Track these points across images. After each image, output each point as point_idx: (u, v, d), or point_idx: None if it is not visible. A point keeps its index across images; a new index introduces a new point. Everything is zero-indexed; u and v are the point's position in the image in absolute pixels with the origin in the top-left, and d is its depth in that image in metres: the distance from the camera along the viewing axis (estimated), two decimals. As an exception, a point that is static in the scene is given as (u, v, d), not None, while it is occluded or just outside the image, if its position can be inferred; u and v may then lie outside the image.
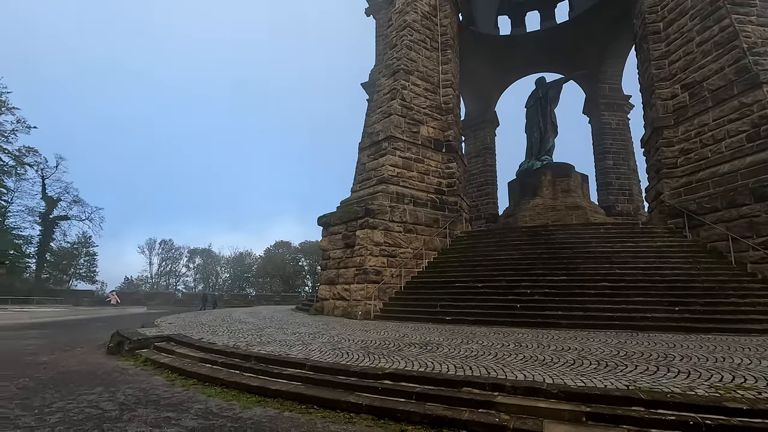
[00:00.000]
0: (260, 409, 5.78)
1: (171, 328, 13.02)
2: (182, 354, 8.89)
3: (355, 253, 16.13)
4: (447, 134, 20.71)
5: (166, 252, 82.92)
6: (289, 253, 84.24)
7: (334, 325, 13.04)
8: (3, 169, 48.05)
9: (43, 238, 51.17)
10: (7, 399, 6.07)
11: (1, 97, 47.17)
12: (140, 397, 6.31)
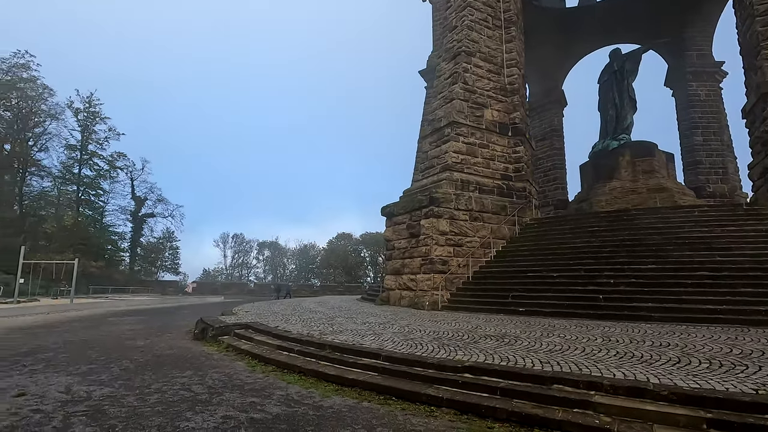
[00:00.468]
0: (339, 399, 5.76)
1: (248, 316, 13.69)
2: (260, 341, 9.23)
3: (421, 243, 15.88)
4: (513, 116, 19.63)
5: (238, 245, 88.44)
6: (351, 245, 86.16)
7: (402, 316, 12.93)
8: (100, 173, 53.92)
9: (134, 234, 56.91)
10: (114, 379, 6.62)
11: (95, 109, 52.79)
12: (226, 381, 6.59)
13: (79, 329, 13.51)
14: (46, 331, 12.81)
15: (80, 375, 6.85)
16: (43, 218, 46.23)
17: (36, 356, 8.48)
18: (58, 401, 5.38)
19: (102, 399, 5.51)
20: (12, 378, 6.61)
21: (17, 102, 45.08)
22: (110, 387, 6.13)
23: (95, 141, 52.82)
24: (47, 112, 47.71)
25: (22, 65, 44.80)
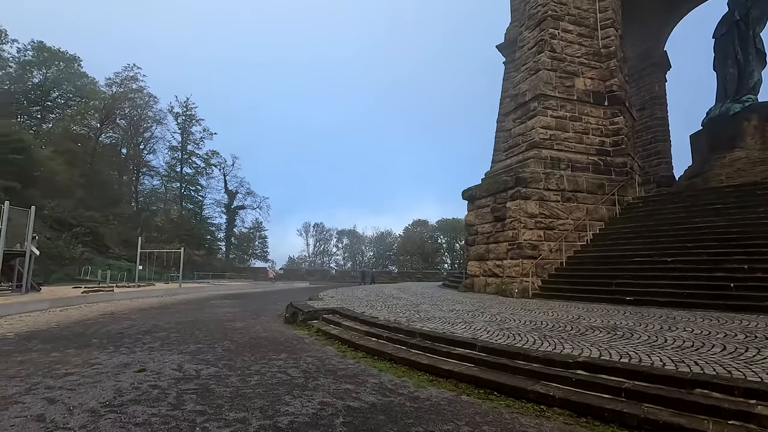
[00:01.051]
0: (435, 390, 5.43)
1: (333, 301, 13.98)
2: (348, 326, 9.25)
3: (507, 227, 14.92)
4: (609, 84, 17.50)
5: (319, 233, 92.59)
6: (427, 231, 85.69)
7: (490, 303, 12.26)
8: (197, 171, 59.47)
9: (228, 224, 62.21)
10: (218, 359, 6.99)
11: (191, 112, 58.09)
12: (319, 366, 6.60)
13: (186, 311, 14.89)
14: (160, 312, 14.29)
15: (190, 354, 7.35)
16: (154, 213, 52.36)
17: (153, 335, 9.37)
18: (172, 378, 5.74)
19: (209, 378, 5.78)
20: (135, 354, 7.29)
21: (129, 111, 51.15)
22: (215, 367, 6.44)
23: (192, 141, 58.33)
24: (153, 118, 53.61)
25: (131, 77, 50.68)
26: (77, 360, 6.78)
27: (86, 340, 8.59)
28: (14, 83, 46.18)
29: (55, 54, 48.13)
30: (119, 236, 41.44)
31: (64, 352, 7.38)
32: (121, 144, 52.57)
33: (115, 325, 10.94)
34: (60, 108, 49.09)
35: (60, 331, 9.86)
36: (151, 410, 4.46)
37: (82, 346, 7.94)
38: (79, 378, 5.68)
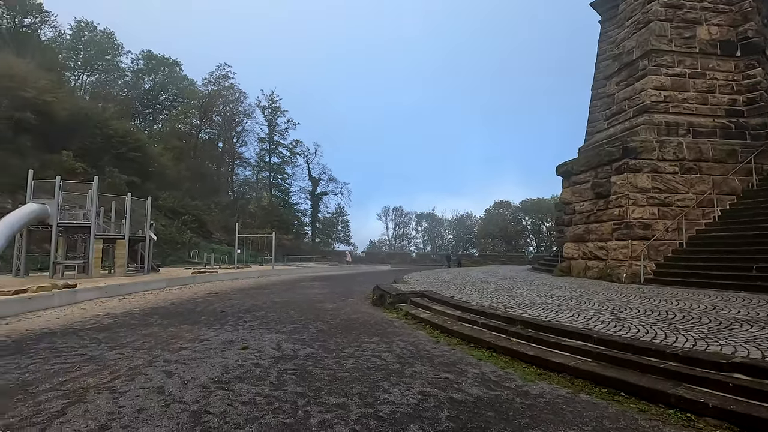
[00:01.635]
0: (546, 385, 4.82)
1: (419, 284, 13.72)
2: (438, 311, 8.87)
3: (612, 204, 13.27)
4: (742, 29, 14.52)
5: (398, 217, 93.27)
6: (510, 213, 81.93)
7: (595, 289, 11.03)
8: (284, 160, 62.99)
9: (312, 210, 65.34)
10: (313, 340, 7.06)
11: (276, 105, 61.33)
12: (413, 351, 6.33)
13: (280, 291, 15.72)
14: (257, 292, 15.26)
15: (286, 333, 7.55)
16: (248, 201, 56.71)
17: (253, 314, 9.90)
18: (272, 357, 5.86)
19: (306, 359, 5.79)
20: (237, 332, 7.68)
21: (223, 107, 55.54)
22: (311, 347, 6.49)
23: (278, 132, 61.85)
24: (243, 112, 57.72)
25: (223, 76, 54.83)
26: (189, 335, 7.31)
27: (196, 317, 9.33)
28: (130, 90, 52.58)
29: (160, 60, 53.74)
30: (219, 223, 45.62)
31: (178, 327, 8.04)
32: (217, 138, 57.51)
33: (219, 303, 11.82)
34: (167, 109, 55.01)
35: (175, 308, 10.89)
36: (255, 389, 4.51)
37: (193, 323, 8.60)
38: (191, 353, 6.05)
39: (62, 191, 17.11)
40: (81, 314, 9.52)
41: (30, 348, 6.29)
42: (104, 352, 6.04)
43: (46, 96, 29.29)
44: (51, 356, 5.81)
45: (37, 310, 9.76)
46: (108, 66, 50.31)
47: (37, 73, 30.53)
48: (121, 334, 7.34)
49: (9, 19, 38.43)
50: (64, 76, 43.40)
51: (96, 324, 8.35)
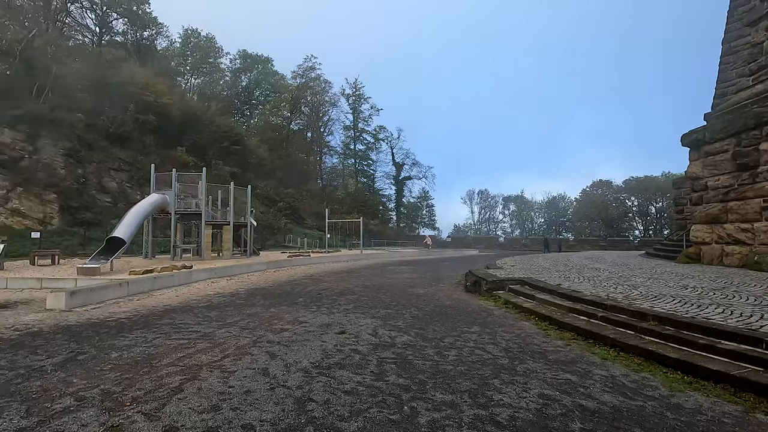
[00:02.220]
0: (702, 398, 3.90)
1: (516, 270, 12.77)
2: (544, 300, 8.02)
3: (760, 178, 10.89)
4: None
5: (483, 201, 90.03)
6: (611, 193, 74.31)
7: (741, 280, 9.16)
8: (368, 146, 64.05)
9: (397, 195, 65.79)
10: (408, 326, 6.77)
11: (360, 92, 62.30)
12: (521, 345, 5.69)
13: (370, 275, 15.85)
14: (348, 276, 15.54)
15: (381, 319, 7.36)
16: (335, 188, 58.90)
17: (346, 297, 9.97)
18: (369, 344, 5.66)
19: (405, 347, 5.49)
20: (333, 315, 7.69)
21: (311, 98, 57.88)
22: (408, 335, 6.18)
23: (362, 119, 62.86)
24: (329, 102, 59.59)
25: (310, 67, 56.95)
26: (289, 317, 7.48)
27: (294, 299, 9.63)
28: (229, 89, 57.24)
29: (254, 59, 57.56)
30: (310, 209, 48.04)
31: (279, 309, 8.32)
32: (306, 129, 60.28)
33: (314, 286, 12.17)
34: (261, 104, 58.97)
35: (275, 289, 11.43)
36: (356, 378, 4.30)
37: (291, 304, 8.87)
38: (291, 335, 6.12)
39: (178, 182, 19.09)
40: (195, 293, 10.41)
41: (155, 323, 6.89)
42: (215, 330, 6.37)
43: (164, 99, 32.97)
44: (171, 332, 6.28)
45: (161, 288, 10.91)
46: (211, 68, 55.22)
47: (155, 79, 34.47)
48: (229, 313, 7.77)
49: (132, 34, 43.92)
50: (176, 80, 48.58)
51: (208, 303, 9.01)
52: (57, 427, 3.16)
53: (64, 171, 26.23)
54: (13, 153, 24.65)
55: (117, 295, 9.30)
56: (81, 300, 8.22)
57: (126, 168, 29.73)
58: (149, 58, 42.23)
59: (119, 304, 8.61)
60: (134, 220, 15.98)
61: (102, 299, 8.81)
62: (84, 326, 6.63)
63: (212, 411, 3.47)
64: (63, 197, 25.21)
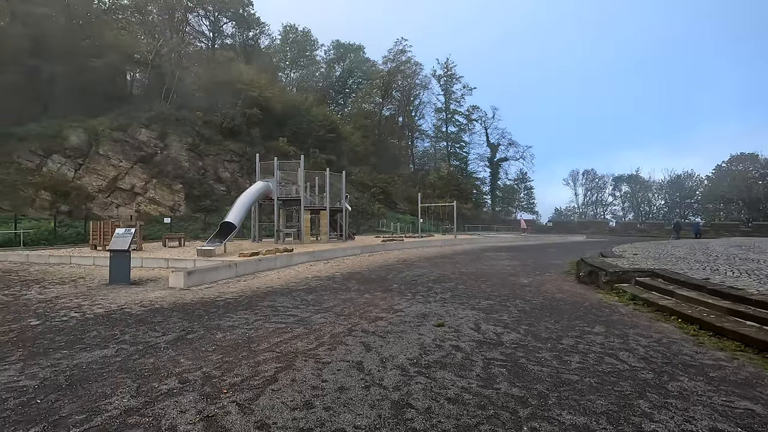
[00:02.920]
0: None
1: (641, 260, 10.96)
2: (687, 298, 6.54)
3: None
4: None
5: (589, 182, 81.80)
6: (757, 169, 61.99)
7: None
8: (461, 128, 61.97)
9: (492, 178, 62.88)
10: (515, 322, 5.97)
11: (451, 72, 60.26)
12: (666, 354, 4.57)
13: (466, 261, 15.05)
14: (443, 261, 14.94)
15: (482, 311, 6.65)
16: (427, 172, 58.19)
17: (442, 285, 9.40)
18: (472, 340, 5.04)
19: (514, 348, 4.75)
20: (429, 304, 7.19)
21: (401, 82, 57.57)
22: (516, 332, 5.42)
23: (454, 100, 60.93)
24: (420, 85, 58.70)
25: (401, 51, 56.50)
26: (383, 304, 7.17)
27: (388, 285, 9.35)
28: (324, 80, 59.52)
29: (347, 48, 58.92)
30: (402, 194, 48.18)
31: (373, 295, 8.09)
32: (397, 114, 60.30)
33: (408, 272, 11.82)
34: (354, 92, 60.36)
35: (369, 274, 11.33)
36: (460, 382, 3.74)
37: (386, 290, 8.59)
38: (387, 324, 5.76)
39: (279, 171, 20.19)
40: (295, 276, 10.74)
41: (257, 305, 7.09)
42: (311, 315, 6.30)
43: (267, 93, 35.34)
44: (271, 314, 6.35)
45: (264, 270, 11.50)
46: (308, 61, 57.96)
47: (259, 76, 37.08)
48: (325, 298, 7.74)
49: (239, 36, 47.80)
50: (277, 76, 51.88)
51: (306, 286, 9.16)
52: (159, 411, 3.14)
53: (187, 164, 29.63)
54: (149, 150, 28.47)
55: (227, 276, 9.96)
56: (196, 279, 8.91)
57: (237, 159, 32.62)
58: (253, 56, 45.59)
59: (228, 284, 9.17)
60: (242, 206, 17.25)
61: (214, 279, 9.48)
62: (196, 305, 7.08)
63: (305, 409, 3.19)
64: (187, 187, 28.54)
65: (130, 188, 26.69)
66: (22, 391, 3.51)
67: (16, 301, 7.47)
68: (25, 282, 9.69)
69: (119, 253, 8.89)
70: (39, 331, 5.45)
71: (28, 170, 23.87)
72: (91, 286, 8.93)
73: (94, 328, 5.54)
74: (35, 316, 6.23)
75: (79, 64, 29.41)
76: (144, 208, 26.70)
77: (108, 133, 26.93)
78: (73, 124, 26.40)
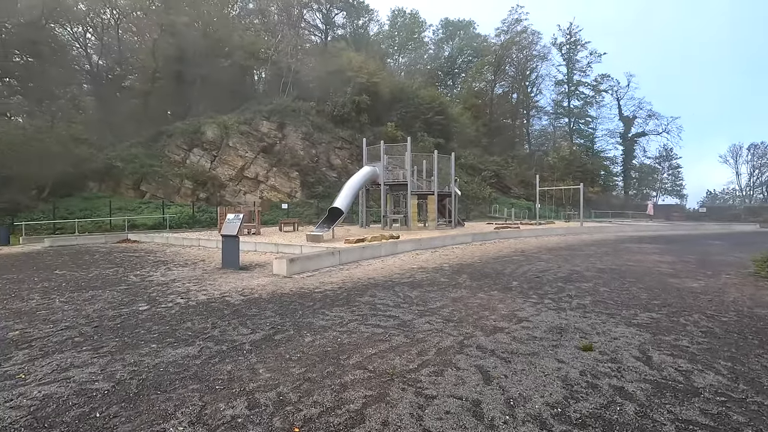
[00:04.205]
0: None
1: None
2: None
3: None
4: None
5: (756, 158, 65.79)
6: None
7: None
8: (586, 101, 54.80)
9: (625, 156, 54.50)
10: (705, 351, 4.11)
11: (575, 38, 53.33)
12: None
13: (600, 255, 12.55)
14: (570, 254, 12.67)
15: (646, 330, 4.86)
16: (545, 152, 52.91)
17: (576, 285, 7.58)
18: (643, 379, 3.44)
19: (721, 402, 3.05)
20: (564, 312, 5.60)
21: (516, 55, 52.88)
22: (714, 371, 3.62)
23: (578, 70, 53.91)
24: (537, 56, 53.17)
25: (516, 20, 51.75)
26: (503, 309, 5.80)
27: (506, 282, 7.87)
28: (432, 62, 57.77)
29: (456, 25, 56.17)
30: (517, 177, 44.51)
31: (489, 294, 6.75)
32: (511, 91, 55.78)
33: (529, 266, 10.07)
34: (463, 71, 57.47)
35: (482, 266, 9.91)
36: (646, 467, 2.30)
37: (503, 289, 7.15)
38: (509, 340, 4.43)
39: (386, 155, 19.62)
40: (399, 266, 9.88)
41: (355, 300, 6.34)
42: (414, 318, 5.28)
43: (375, 78, 35.28)
44: (369, 314, 5.51)
45: (368, 258, 10.90)
46: (416, 44, 56.77)
47: (367, 61, 37.18)
48: (431, 296, 6.66)
49: (349, 25, 48.76)
50: (385, 62, 51.85)
51: (410, 279, 8.20)
52: (210, 455, 2.40)
53: (302, 152, 31.14)
54: (270, 140, 30.55)
55: (329, 264, 9.54)
56: (299, 267, 8.60)
57: (347, 146, 33.31)
58: (363, 45, 46.08)
59: (330, 273, 8.70)
60: (350, 191, 17.09)
61: (317, 267, 9.11)
62: (293, 297, 6.61)
63: (396, 485, 2.14)
64: (302, 174, 30.02)
65: (254, 176, 29.06)
66: (89, 398, 3.13)
67: (141, 282, 7.96)
68: (156, 263, 10.60)
69: (229, 239, 9.04)
70: (143, 317, 5.41)
71: (175, 163, 27.48)
72: (206, 269, 9.28)
73: (190, 319, 5.32)
74: (146, 301, 6.37)
75: (213, 66, 32.85)
76: (266, 195, 28.87)
77: (236, 126, 29.58)
78: (208, 120, 29.59)
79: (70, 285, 7.76)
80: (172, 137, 28.41)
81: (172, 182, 26.18)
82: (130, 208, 23.08)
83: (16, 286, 7.75)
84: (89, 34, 33.19)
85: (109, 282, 7.95)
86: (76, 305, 6.14)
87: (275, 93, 34.29)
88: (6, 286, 7.68)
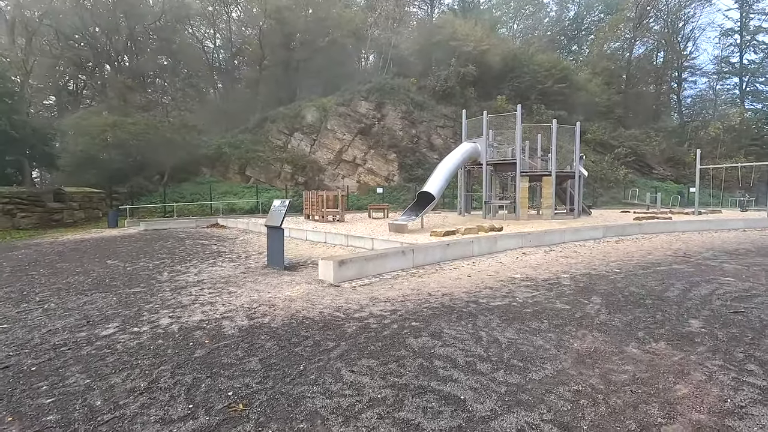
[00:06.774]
0: None
1: None
2: None
3: None
4: None
5: None
6: None
7: None
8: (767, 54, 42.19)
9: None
10: None
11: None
12: None
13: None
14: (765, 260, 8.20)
15: None
16: (702, 122, 42.28)
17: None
18: None
19: None
20: None
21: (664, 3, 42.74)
22: None
23: (758, 12, 41.43)
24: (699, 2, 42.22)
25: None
26: (689, 393, 2.78)
27: (676, 318, 4.56)
28: (554, 26, 50.27)
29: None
30: (662, 154, 36.23)
31: (649, 348, 3.69)
32: (656, 49, 45.71)
33: (708, 285, 6.31)
34: (592, 33, 48.87)
35: (625, 282, 6.52)
36: None
37: (676, 336, 3.96)
38: None
39: (490, 129, 16.38)
40: (494, 274, 7.07)
41: (404, 342, 3.91)
42: (495, 409, 2.66)
43: (482, 45, 31.31)
44: (411, 384, 3.05)
45: (453, 259, 8.28)
46: (535, 7, 49.96)
47: (474, 29, 33.22)
48: (537, 342, 3.87)
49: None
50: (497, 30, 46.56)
51: (506, 300, 5.41)
52: None
53: (401, 132, 29.09)
54: (368, 121, 29.14)
55: (397, 266, 7.22)
56: (353, 272, 6.46)
57: (450, 124, 30.28)
58: (473, 13, 41.78)
59: (393, 282, 6.38)
60: (444, 172, 14.43)
61: (378, 271, 6.87)
62: (316, 325, 4.44)
63: None
64: (401, 156, 28.03)
65: (352, 159, 28.03)
66: None
67: (166, 283, 6.63)
68: (211, 254, 9.53)
69: (273, 231, 7.31)
70: (73, 356, 3.79)
71: (277, 147, 27.82)
72: (251, 267, 7.73)
73: (136, 365, 3.53)
74: (125, 319, 4.83)
75: (316, 48, 32.54)
76: (362, 179, 27.65)
77: (334, 108, 28.79)
78: (308, 104, 29.34)
79: (88, 282, 6.82)
80: (275, 122, 28.84)
81: (273, 167, 26.51)
82: (234, 192, 23.82)
83: (16, 286, 7.08)
84: (212, 30, 35.71)
85: (131, 281, 6.77)
86: (24, 323, 4.88)
87: (374, 72, 32.72)
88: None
